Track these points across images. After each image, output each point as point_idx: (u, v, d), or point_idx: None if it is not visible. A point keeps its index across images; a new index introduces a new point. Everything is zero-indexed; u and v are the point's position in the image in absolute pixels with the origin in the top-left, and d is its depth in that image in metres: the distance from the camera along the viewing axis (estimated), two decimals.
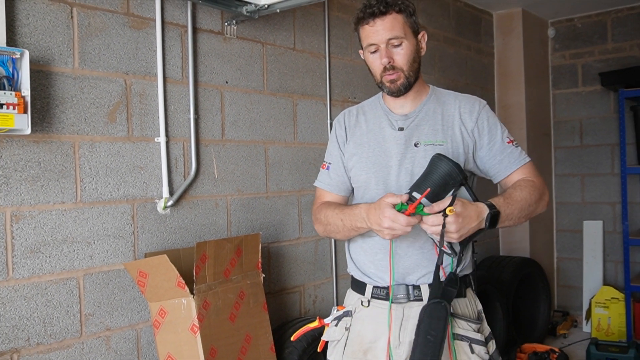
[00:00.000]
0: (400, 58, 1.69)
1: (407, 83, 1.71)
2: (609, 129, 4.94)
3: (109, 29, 2.26)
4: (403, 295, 1.70)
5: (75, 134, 2.16)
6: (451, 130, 1.73)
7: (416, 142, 1.73)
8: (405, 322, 1.69)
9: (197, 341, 2.15)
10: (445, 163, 1.55)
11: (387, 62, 1.68)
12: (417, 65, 1.73)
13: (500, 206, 1.59)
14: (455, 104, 1.77)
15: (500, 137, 1.75)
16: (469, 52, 4.60)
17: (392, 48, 1.68)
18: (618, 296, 4.42)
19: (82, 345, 2.16)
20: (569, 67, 5.15)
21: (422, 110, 1.77)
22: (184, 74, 2.53)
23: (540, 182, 1.74)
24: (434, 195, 1.54)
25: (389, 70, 1.69)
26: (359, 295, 1.80)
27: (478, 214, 1.55)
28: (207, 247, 2.21)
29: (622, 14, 4.87)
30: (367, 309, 1.76)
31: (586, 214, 5.05)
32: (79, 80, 2.17)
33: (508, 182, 1.76)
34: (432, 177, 1.56)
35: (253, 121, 2.85)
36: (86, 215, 2.18)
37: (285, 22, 3.02)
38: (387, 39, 1.67)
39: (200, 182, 2.59)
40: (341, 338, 1.79)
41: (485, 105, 1.78)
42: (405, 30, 1.68)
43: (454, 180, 1.55)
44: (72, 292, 2.14)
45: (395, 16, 1.67)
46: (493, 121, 1.76)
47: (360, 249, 1.80)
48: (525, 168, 1.75)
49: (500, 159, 1.74)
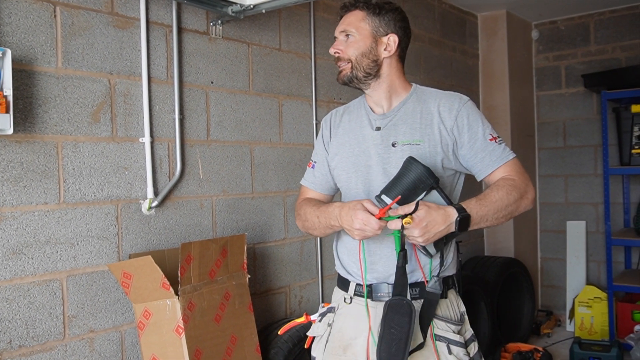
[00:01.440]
0: (347, 49, 1.74)
1: (351, 75, 1.75)
2: (592, 130, 4.99)
3: (93, 28, 2.24)
4: (384, 294, 1.72)
5: (59, 134, 2.14)
6: (429, 129, 1.72)
7: (394, 142, 1.73)
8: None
9: (182, 342, 2.13)
10: (415, 167, 1.57)
11: (334, 52, 1.77)
12: (368, 61, 1.73)
13: (472, 209, 1.59)
14: (435, 102, 1.75)
15: (481, 135, 1.72)
16: (454, 54, 4.63)
17: (343, 40, 1.76)
18: (601, 295, 4.47)
19: (65, 348, 2.14)
20: (552, 68, 5.20)
21: (401, 110, 1.77)
22: (169, 74, 2.52)
23: (522, 179, 1.73)
24: (404, 199, 1.56)
25: (338, 62, 1.77)
26: (343, 292, 1.83)
27: (445, 218, 1.55)
28: (192, 248, 2.20)
29: (604, 17, 4.92)
30: (349, 306, 1.79)
31: (569, 214, 5.10)
32: (63, 80, 2.15)
33: (491, 179, 1.75)
34: (403, 181, 1.58)
35: (238, 121, 2.84)
36: (69, 216, 2.16)
37: (270, 23, 3.02)
38: (340, 31, 1.76)
39: (185, 183, 2.58)
40: (324, 334, 1.82)
41: (467, 102, 1.75)
42: (360, 26, 1.73)
43: (424, 184, 1.58)
44: (55, 293, 2.12)
45: (356, 12, 1.75)
46: (474, 118, 1.73)
47: (345, 248, 1.83)
48: (508, 166, 1.73)
49: (481, 157, 1.72)
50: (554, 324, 4.89)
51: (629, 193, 4.80)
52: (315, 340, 1.85)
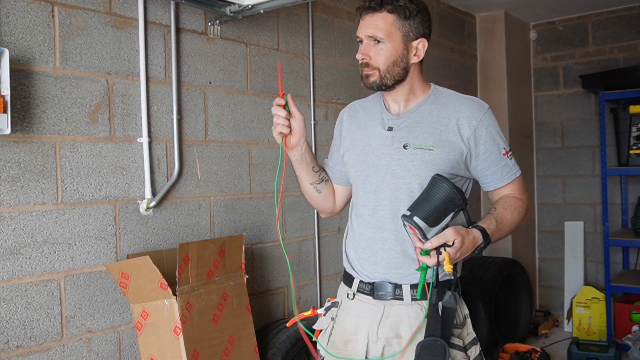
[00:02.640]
0: (378, 57, 1.66)
1: (380, 82, 1.68)
2: (590, 131, 5.00)
3: (90, 28, 2.24)
4: (385, 293, 1.72)
5: (56, 134, 2.13)
6: (444, 135, 1.67)
7: (405, 144, 1.68)
8: (385, 319, 1.70)
9: (179, 343, 2.13)
10: (445, 186, 1.52)
11: (362, 58, 1.69)
12: (399, 70, 1.67)
13: (493, 234, 1.60)
14: (454, 108, 1.70)
15: (497, 148, 1.70)
16: (452, 54, 4.63)
17: (372, 45, 1.67)
18: (599, 296, 4.47)
19: (62, 348, 2.14)
20: (550, 69, 5.21)
21: (417, 112, 1.72)
22: (166, 74, 2.52)
23: (526, 199, 1.76)
24: (434, 220, 1.51)
25: (365, 67, 1.70)
26: (347, 287, 1.83)
27: (474, 244, 1.56)
28: (190, 248, 2.20)
29: (602, 17, 4.93)
30: (352, 302, 1.79)
31: (567, 214, 5.10)
32: (60, 80, 2.15)
33: (497, 193, 1.77)
34: (432, 201, 1.52)
35: (236, 122, 2.84)
36: (67, 216, 2.16)
37: (269, 23, 3.02)
38: (367, 35, 1.66)
39: (183, 183, 2.58)
40: (327, 327, 1.83)
41: (487, 111, 1.71)
42: (391, 32, 1.64)
43: (453, 204, 1.52)
44: (53, 294, 2.12)
45: (385, 15, 1.64)
46: (493, 130, 1.71)
47: (351, 245, 1.83)
48: (515, 183, 1.75)
49: (493, 171, 1.72)
50: (552, 324, 4.90)
51: (626, 193, 4.80)
52: (320, 334, 1.87)
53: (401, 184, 1.68)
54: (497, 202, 1.75)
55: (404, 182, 1.68)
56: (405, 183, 1.68)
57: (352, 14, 3.54)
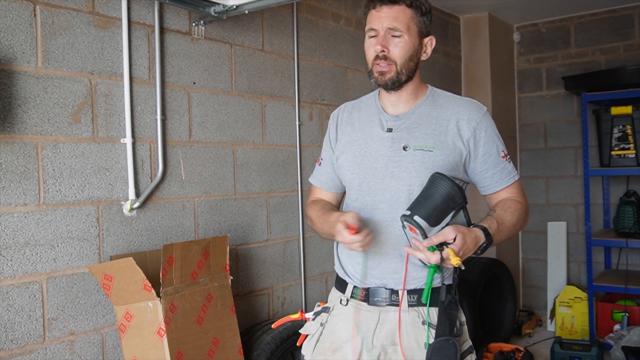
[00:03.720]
0: (396, 50, 1.63)
1: (396, 79, 1.65)
2: (572, 132, 5.05)
3: (73, 28, 2.22)
4: (381, 299, 1.68)
5: (39, 135, 2.11)
6: (444, 137, 1.66)
7: (405, 145, 1.66)
8: (380, 326, 1.67)
9: (163, 345, 2.12)
10: (446, 184, 1.49)
11: (380, 50, 1.63)
12: (413, 65, 1.66)
13: (495, 234, 1.57)
14: (453, 110, 1.69)
15: (496, 151, 1.70)
16: (437, 55, 4.66)
17: (390, 38, 1.63)
18: (581, 295, 4.52)
19: (45, 351, 2.12)
20: (533, 71, 5.25)
21: (416, 113, 1.70)
22: (150, 74, 2.51)
23: (525, 202, 1.74)
24: (435, 219, 1.48)
25: (381, 60, 1.64)
26: (339, 293, 1.79)
27: (476, 243, 1.52)
28: (174, 249, 2.19)
29: (584, 20, 4.98)
30: (345, 308, 1.74)
31: (550, 215, 5.15)
32: (43, 80, 2.13)
33: (495, 197, 1.74)
34: (433, 199, 1.49)
35: (221, 122, 2.83)
36: (49, 218, 2.14)
37: (253, 23, 3.01)
38: (387, 27, 1.62)
39: (167, 184, 2.57)
40: (315, 333, 1.78)
41: (486, 114, 1.71)
42: (410, 26, 1.63)
43: (454, 203, 1.50)
44: (35, 296, 2.09)
45: (403, 8, 1.62)
46: (491, 132, 1.70)
47: (345, 250, 1.79)
48: (513, 186, 1.74)
49: (492, 174, 1.70)
50: (535, 324, 4.94)
51: (608, 194, 4.85)
52: (306, 339, 1.82)
53: (401, 186, 1.65)
54: (496, 205, 1.72)
55: (404, 184, 1.65)
56: (405, 185, 1.65)
57: (337, 15, 3.55)
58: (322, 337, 1.76)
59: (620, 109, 4.29)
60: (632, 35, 4.78)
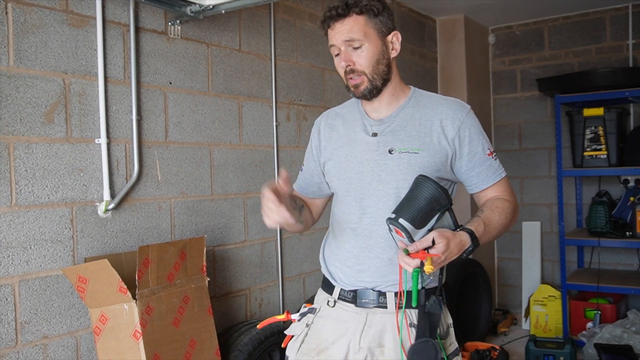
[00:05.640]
0: (360, 60, 1.63)
1: (371, 87, 1.65)
2: (546, 133, 5.12)
3: (46, 26, 2.19)
4: (368, 300, 1.67)
5: (10, 135, 2.07)
6: (429, 138, 1.65)
7: (390, 148, 1.66)
8: (368, 328, 1.66)
9: (139, 347, 2.10)
10: (430, 186, 1.49)
11: (346, 66, 1.64)
12: (384, 67, 1.67)
13: (481, 237, 1.56)
14: (437, 110, 1.69)
15: (481, 149, 1.69)
16: (413, 57, 4.69)
17: (351, 51, 1.63)
18: (555, 294, 4.58)
19: (17, 355, 2.08)
20: (508, 72, 5.32)
21: (399, 115, 1.70)
22: (125, 74, 2.48)
23: (514, 200, 1.74)
24: (421, 222, 1.48)
25: (350, 74, 1.65)
26: (326, 294, 1.78)
27: (460, 247, 1.51)
28: (150, 251, 2.17)
29: (558, 23, 5.06)
30: (332, 309, 1.74)
31: (525, 215, 5.22)
32: (14, 79, 2.09)
33: (482, 195, 1.74)
34: (417, 202, 1.49)
35: (197, 123, 2.81)
36: (22, 219, 2.10)
37: (230, 23, 3.00)
38: (344, 40, 1.62)
39: (142, 185, 2.54)
40: (300, 334, 1.77)
41: (470, 112, 1.71)
42: (366, 32, 1.62)
43: (439, 205, 1.50)
44: (7, 299, 2.05)
45: (355, 18, 1.62)
46: (476, 130, 1.69)
47: (332, 253, 1.79)
48: (501, 184, 1.73)
49: (478, 172, 1.70)
50: (510, 322, 5.00)
51: (581, 194, 4.94)
52: (291, 340, 1.81)
53: (388, 189, 1.65)
54: (483, 205, 1.72)
55: (391, 188, 1.64)
56: (392, 188, 1.64)
57: (314, 15, 3.55)
58: (308, 337, 1.75)
59: (593, 110, 4.37)
60: (604, 39, 4.87)
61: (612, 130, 4.34)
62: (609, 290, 4.28)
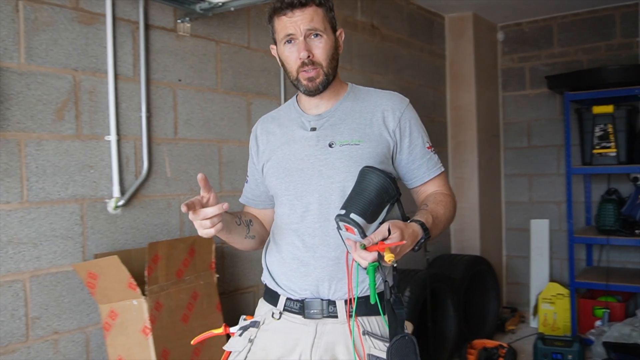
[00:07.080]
0: (319, 52, 1.57)
1: (325, 81, 1.59)
2: (555, 131, 5.10)
3: (57, 23, 2.20)
4: (317, 311, 1.56)
5: (22, 132, 2.09)
6: (369, 129, 1.61)
7: (331, 142, 1.60)
8: (318, 339, 1.55)
9: (149, 343, 2.11)
10: (378, 177, 1.43)
11: (306, 56, 1.56)
12: (335, 63, 1.62)
13: (432, 229, 1.50)
14: (377, 102, 1.65)
15: (421, 142, 1.66)
16: (422, 54, 4.68)
17: (311, 41, 1.57)
18: (563, 292, 4.57)
19: (28, 350, 2.10)
20: (517, 70, 5.30)
21: (339, 109, 1.65)
22: (135, 71, 2.49)
23: (453, 195, 1.70)
24: (372, 215, 1.40)
25: (308, 66, 1.57)
26: (270, 306, 1.66)
27: (414, 238, 1.44)
28: (159, 247, 2.18)
29: (567, 20, 5.03)
30: (278, 322, 1.62)
31: (533, 212, 5.20)
32: (25, 76, 2.10)
33: (423, 190, 1.70)
34: (366, 194, 1.41)
35: (206, 120, 2.82)
36: (33, 216, 2.12)
37: (239, 21, 3.00)
38: (306, 30, 1.56)
39: (152, 182, 2.55)
40: (242, 350, 1.63)
41: (409, 105, 1.67)
42: (325, 25, 1.58)
43: (389, 196, 1.43)
44: (18, 294, 2.07)
45: (315, 9, 1.57)
46: (416, 123, 1.66)
47: (274, 258, 1.69)
48: (440, 178, 1.70)
49: (419, 165, 1.66)
50: (518, 320, 4.98)
51: (590, 192, 4.91)
52: (231, 356, 1.66)
53: (330, 184, 1.57)
54: (426, 199, 1.67)
55: (334, 182, 1.57)
56: (335, 182, 1.57)
57: None
58: (251, 354, 1.61)
59: (602, 108, 4.34)
60: (613, 35, 4.84)
61: (621, 127, 4.31)
62: (618, 288, 4.26)
